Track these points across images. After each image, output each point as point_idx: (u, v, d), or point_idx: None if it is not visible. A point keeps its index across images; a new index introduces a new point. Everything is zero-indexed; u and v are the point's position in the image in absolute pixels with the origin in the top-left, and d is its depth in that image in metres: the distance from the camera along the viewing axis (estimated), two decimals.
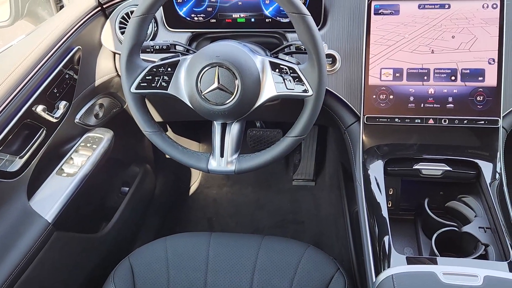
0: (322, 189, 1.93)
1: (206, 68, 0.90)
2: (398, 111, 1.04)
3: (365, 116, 1.05)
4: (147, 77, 0.95)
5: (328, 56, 1.09)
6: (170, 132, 1.80)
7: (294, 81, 0.91)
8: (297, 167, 2.00)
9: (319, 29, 1.10)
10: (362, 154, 1.05)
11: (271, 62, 0.93)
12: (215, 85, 0.90)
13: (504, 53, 1.00)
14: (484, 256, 0.89)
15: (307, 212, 1.87)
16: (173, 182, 1.92)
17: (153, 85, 0.95)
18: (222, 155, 0.97)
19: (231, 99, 0.91)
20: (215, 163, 0.97)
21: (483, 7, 1.01)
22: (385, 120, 1.05)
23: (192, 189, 2.02)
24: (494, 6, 1.01)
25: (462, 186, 1.05)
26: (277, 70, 0.92)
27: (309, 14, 0.86)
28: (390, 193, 1.09)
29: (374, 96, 1.05)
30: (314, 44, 0.86)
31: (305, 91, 0.90)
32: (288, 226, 1.83)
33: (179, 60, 0.95)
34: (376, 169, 1.03)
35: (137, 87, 0.95)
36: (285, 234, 1.79)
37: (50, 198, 1.04)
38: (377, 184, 1.01)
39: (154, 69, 0.95)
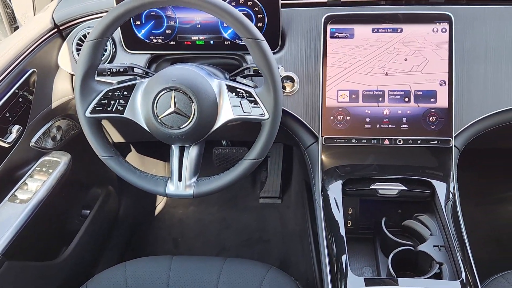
0: (288, 206, 1.93)
1: (162, 92, 0.90)
2: (355, 131, 1.06)
3: (323, 137, 1.07)
4: (102, 101, 0.93)
5: (287, 78, 1.10)
6: (133, 153, 1.78)
7: (251, 105, 0.91)
8: (263, 185, 2.00)
9: (277, 52, 1.12)
10: (321, 175, 1.06)
11: (228, 86, 0.93)
12: (172, 109, 0.90)
13: (454, 75, 1.04)
14: (438, 275, 0.91)
15: (274, 230, 1.87)
16: (138, 203, 1.89)
17: (108, 109, 0.94)
18: (180, 179, 0.96)
19: (187, 123, 0.90)
20: (173, 187, 0.97)
21: (433, 31, 1.05)
22: (343, 140, 1.06)
23: (158, 209, 1.99)
24: (444, 30, 1.05)
25: (419, 205, 1.07)
26: (234, 93, 0.92)
27: (264, 39, 0.87)
28: (349, 212, 1.10)
29: (331, 117, 1.07)
30: (269, 68, 0.87)
31: (261, 114, 0.91)
32: (254, 244, 1.82)
33: (135, 84, 0.95)
34: (335, 189, 1.04)
35: (92, 111, 0.93)
36: (252, 253, 1.78)
37: (1, 227, 1.00)
38: (336, 204, 1.02)
39: (110, 93, 0.94)
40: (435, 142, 1.04)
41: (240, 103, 0.92)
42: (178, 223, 1.93)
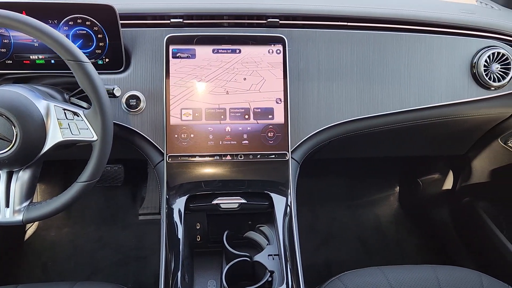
0: None
1: None
2: (199, 149, 1.09)
3: (168, 155, 1.09)
4: None
5: (133, 97, 1.11)
6: None
7: (79, 126, 0.90)
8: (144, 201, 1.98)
9: (123, 71, 1.12)
10: (166, 192, 1.08)
11: (56, 107, 0.91)
12: None
13: (289, 93, 1.12)
14: (270, 283, 0.96)
15: (151, 247, 1.85)
16: (3, 227, 1.76)
17: None
18: (7, 205, 0.92)
19: (10, 147, 0.87)
20: None
21: (268, 52, 1.12)
22: (187, 158, 1.09)
23: (28, 233, 1.87)
24: (278, 51, 1.12)
25: (264, 216, 1.13)
26: (62, 115, 0.91)
27: (87, 61, 0.87)
28: (197, 227, 1.13)
29: (176, 136, 1.09)
30: (94, 90, 0.87)
31: (90, 136, 0.90)
32: (130, 263, 1.79)
33: None
34: (178, 205, 1.06)
35: None
36: (127, 272, 1.75)
37: None
38: (180, 220, 1.04)
39: None
40: (273, 156, 1.11)
41: (69, 125, 0.91)
42: (50, 246, 1.83)
